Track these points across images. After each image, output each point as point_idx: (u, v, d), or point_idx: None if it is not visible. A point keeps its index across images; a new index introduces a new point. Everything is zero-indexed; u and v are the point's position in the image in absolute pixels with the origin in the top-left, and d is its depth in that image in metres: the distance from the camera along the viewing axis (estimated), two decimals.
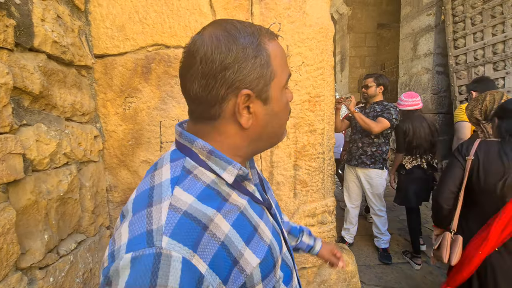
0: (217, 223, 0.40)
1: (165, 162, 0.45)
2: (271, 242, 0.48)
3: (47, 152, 0.95)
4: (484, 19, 3.15)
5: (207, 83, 0.41)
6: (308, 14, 1.42)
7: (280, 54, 0.46)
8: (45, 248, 0.90)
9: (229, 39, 0.41)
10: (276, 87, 0.45)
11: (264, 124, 0.46)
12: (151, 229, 0.36)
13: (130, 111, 1.41)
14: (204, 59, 0.40)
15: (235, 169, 0.45)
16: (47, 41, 0.98)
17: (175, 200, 0.39)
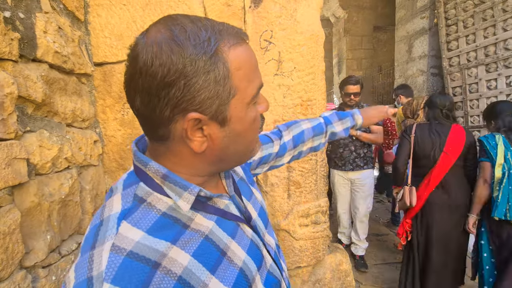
0: (172, 257, 0.36)
1: (117, 190, 0.41)
2: (243, 264, 0.44)
3: (49, 157, 1.00)
4: (475, 22, 3.21)
5: (149, 100, 0.35)
6: (299, 21, 1.48)
7: (246, 64, 0.38)
8: (47, 248, 0.94)
9: (174, 47, 0.33)
10: (238, 104, 0.38)
11: (223, 147, 0.40)
12: (91, 275, 0.32)
13: (129, 116, 1.46)
14: (144, 71, 0.33)
15: (192, 195, 0.39)
16: (49, 52, 1.04)
17: (119, 240, 0.34)
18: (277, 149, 0.74)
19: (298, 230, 1.60)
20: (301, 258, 1.64)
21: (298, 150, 0.80)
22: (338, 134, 0.84)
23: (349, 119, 0.84)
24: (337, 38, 7.38)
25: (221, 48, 0.35)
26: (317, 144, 0.83)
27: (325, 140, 0.84)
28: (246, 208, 0.51)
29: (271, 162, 0.75)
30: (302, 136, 0.79)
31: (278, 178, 1.56)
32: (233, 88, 0.36)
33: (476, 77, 3.28)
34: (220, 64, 0.35)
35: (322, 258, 1.67)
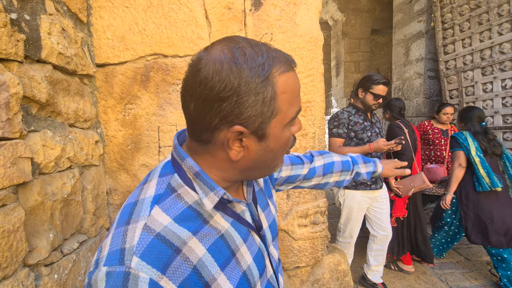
0: (191, 246, 0.40)
1: (154, 175, 0.46)
2: (247, 268, 0.48)
3: (53, 156, 1.01)
4: (471, 26, 3.27)
5: (202, 108, 0.39)
6: (298, 25, 1.50)
7: (291, 89, 0.42)
8: (50, 246, 0.95)
9: (233, 68, 0.37)
10: (278, 124, 0.42)
11: (255, 159, 0.44)
12: (124, 247, 0.37)
13: (130, 117, 1.47)
14: (204, 83, 0.38)
15: (216, 196, 0.44)
16: (53, 53, 1.06)
17: (151, 221, 0.39)
18: (306, 171, 0.79)
19: (297, 230, 1.61)
20: (300, 258, 1.65)
21: (325, 180, 0.84)
22: (361, 176, 0.88)
23: (372, 165, 0.90)
24: (335, 41, 7.44)
25: (272, 73, 0.39)
26: (342, 180, 0.86)
27: (350, 178, 0.87)
28: (259, 217, 0.55)
29: (298, 182, 0.80)
30: (332, 167, 0.83)
31: None
32: (276, 109, 0.41)
33: (472, 80, 3.32)
34: (269, 87, 0.39)
35: (320, 258, 1.69)
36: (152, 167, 1.51)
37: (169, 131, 1.50)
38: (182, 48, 1.46)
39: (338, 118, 1.94)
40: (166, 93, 1.48)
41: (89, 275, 0.38)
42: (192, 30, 1.45)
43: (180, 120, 1.50)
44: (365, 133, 1.91)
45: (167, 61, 1.46)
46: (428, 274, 2.45)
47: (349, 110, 1.98)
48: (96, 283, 0.36)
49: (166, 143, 1.51)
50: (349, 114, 1.95)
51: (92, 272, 0.37)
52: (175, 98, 1.48)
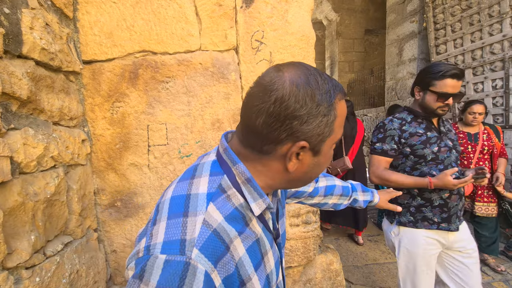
0: (235, 245, 0.44)
1: (204, 172, 0.48)
2: (270, 272, 0.51)
3: (35, 155, 0.98)
4: (463, 27, 3.30)
5: (272, 123, 0.42)
6: (290, 22, 1.49)
7: (343, 114, 0.47)
8: (31, 248, 0.92)
9: (308, 92, 0.42)
10: (329, 143, 0.47)
11: (306, 171, 0.48)
12: (184, 238, 0.39)
13: (118, 115, 1.44)
14: (279, 101, 0.41)
15: (264, 204, 0.48)
16: (35, 48, 1.02)
17: (208, 216, 0.42)
18: (311, 189, 0.86)
19: (289, 230, 1.60)
20: (292, 258, 1.64)
21: (325, 201, 0.91)
22: (358, 203, 0.95)
23: (370, 194, 0.97)
24: (329, 41, 7.47)
25: (336, 99, 0.45)
26: (340, 203, 0.94)
27: (347, 203, 0.94)
28: (278, 226, 0.59)
29: (302, 198, 0.86)
30: (333, 190, 0.90)
31: None
32: (332, 131, 0.46)
33: (464, 80, 3.36)
34: (333, 111, 0.44)
35: (313, 258, 1.68)
36: (141, 166, 1.48)
37: (159, 129, 1.47)
38: (171, 45, 1.43)
39: (384, 129, 1.38)
40: (156, 91, 1.45)
41: (138, 260, 0.39)
42: (182, 27, 1.42)
43: (169, 119, 1.47)
44: (428, 148, 1.30)
45: (156, 58, 1.43)
46: None
47: (402, 116, 1.39)
48: (152, 269, 0.37)
49: (155, 142, 1.48)
50: (401, 123, 1.36)
51: (143, 258, 0.38)
52: (165, 96, 1.45)
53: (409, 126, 1.36)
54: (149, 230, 0.43)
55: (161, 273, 0.36)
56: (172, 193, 0.47)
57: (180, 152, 1.49)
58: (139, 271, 0.38)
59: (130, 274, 0.39)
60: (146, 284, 0.36)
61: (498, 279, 2.29)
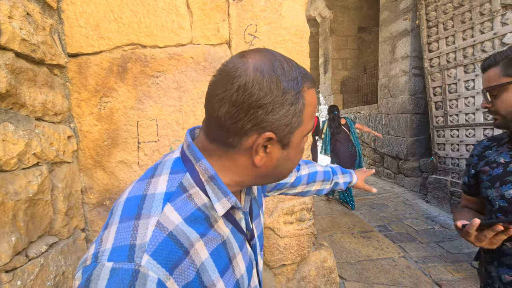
0: (197, 249, 0.40)
1: (164, 171, 0.44)
2: (240, 277, 0.48)
3: (15, 152, 0.92)
4: (455, 24, 3.32)
5: (236, 113, 0.39)
6: (284, 16, 1.45)
7: (313, 104, 0.45)
8: (12, 250, 0.87)
9: (273, 79, 0.39)
10: (299, 134, 0.44)
11: (275, 166, 0.45)
12: (134, 243, 0.36)
13: (106, 111, 1.39)
14: (243, 89, 0.39)
15: (229, 203, 0.44)
16: (15, 39, 0.96)
17: (163, 218, 0.38)
18: (293, 179, 0.81)
19: (283, 227, 1.58)
20: (285, 256, 1.62)
21: (308, 188, 0.88)
22: (339, 185, 0.94)
23: (349, 175, 0.96)
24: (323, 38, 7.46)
25: (304, 89, 0.42)
26: (322, 188, 0.92)
27: (329, 187, 0.93)
28: (252, 227, 0.55)
29: (284, 189, 0.82)
30: (315, 176, 0.87)
31: None
32: (301, 121, 0.43)
33: (455, 77, 3.39)
34: (301, 100, 0.42)
35: (307, 255, 1.66)
36: (130, 163, 1.44)
37: (149, 126, 1.43)
38: (161, 38, 1.38)
39: (471, 154, 0.98)
40: (145, 86, 1.40)
41: (85, 269, 0.35)
42: (172, 19, 1.37)
43: (160, 115, 1.42)
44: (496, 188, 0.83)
45: (145, 52, 1.38)
46: (412, 268, 2.49)
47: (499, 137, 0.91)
48: (98, 279, 0.34)
49: (145, 138, 1.44)
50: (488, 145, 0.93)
51: (90, 267, 0.35)
52: (155, 92, 1.41)
53: (495, 151, 0.89)
54: (100, 235, 0.39)
55: (107, 283, 0.33)
56: (127, 194, 0.42)
57: (171, 149, 1.45)
58: (84, 282, 0.34)
59: (77, 284, 0.35)
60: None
61: None
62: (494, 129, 2.99)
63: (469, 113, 3.27)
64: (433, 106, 3.75)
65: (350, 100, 7.07)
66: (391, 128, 4.81)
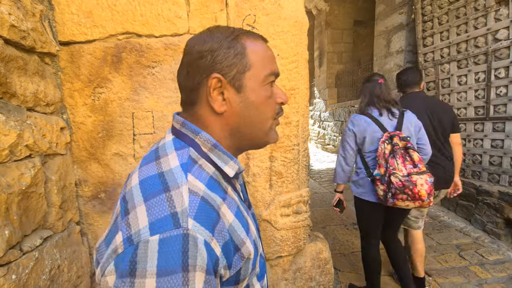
0: (223, 211, 0.42)
1: (169, 150, 0.45)
2: (255, 237, 0.50)
3: (6, 144, 0.89)
4: (450, 19, 3.34)
5: (188, 71, 0.46)
6: (283, 7, 1.43)
7: (261, 52, 0.48)
8: (6, 244, 0.85)
9: (208, 34, 0.46)
10: (253, 78, 0.46)
11: (239, 112, 0.46)
12: (175, 211, 0.36)
13: (100, 102, 1.35)
14: (189, 52, 0.46)
15: (236, 165, 0.47)
16: (3, 25, 0.92)
17: (192, 185, 0.40)
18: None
19: (280, 220, 1.59)
20: (282, 248, 1.64)
21: None
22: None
23: None
24: (318, 31, 7.42)
25: (241, 36, 0.47)
26: None
27: None
28: (248, 198, 0.59)
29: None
30: None
31: (260, 168, 1.53)
32: (248, 63, 0.46)
33: (448, 72, 3.43)
34: (239, 44, 0.46)
35: (303, 247, 1.68)
36: (126, 156, 1.41)
37: (145, 117, 1.40)
38: (157, 27, 1.34)
39: None
40: (141, 76, 1.36)
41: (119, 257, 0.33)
42: (168, 8, 1.33)
43: (156, 106, 1.39)
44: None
45: (141, 41, 1.34)
46: None
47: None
48: (146, 256, 0.32)
49: (141, 130, 1.41)
50: None
51: (127, 252, 0.33)
52: (151, 82, 1.37)
53: None
54: (122, 223, 0.37)
55: (158, 255, 0.32)
56: (138, 179, 0.42)
57: None
58: (127, 267, 0.32)
59: (111, 280, 0.33)
60: (143, 276, 0.31)
61: (474, 263, 2.41)
62: (484, 124, 3.05)
63: (461, 107, 3.33)
64: None
65: (345, 94, 7.10)
66: None
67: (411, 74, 2.03)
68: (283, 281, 1.68)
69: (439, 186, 1.95)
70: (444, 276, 2.28)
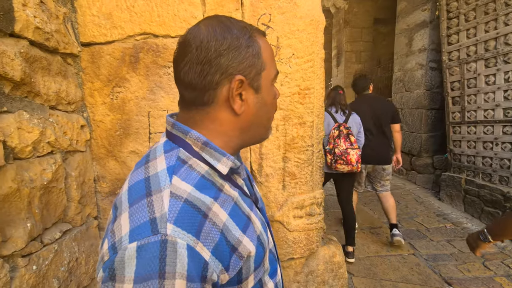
0: (215, 211, 0.41)
1: (158, 154, 0.44)
2: (260, 233, 0.49)
3: (30, 140, 0.94)
4: (477, 16, 3.16)
5: (202, 69, 0.42)
6: (299, 5, 1.40)
7: (269, 50, 0.47)
8: (27, 236, 0.89)
9: (224, 29, 0.43)
10: (267, 77, 0.46)
11: (255, 112, 0.47)
12: (154, 217, 0.35)
13: (118, 101, 1.39)
14: (200, 47, 0.42)
15: (229, 161, 0.45)
16: (29, 27, 0.96)
17: (175, 189, 0.39)
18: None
19: (292, 221, 1.57)
20: (294, 249, 1.61)
21: None
22: None
23: None
24: (337, 30, 7.27)
25: (254, 33, 0.46)
26: None
27: None
28: (254, 191, 0.57)
29: None
30: None
31: (273, 168, 1.52)
32: (263, 63, 0.46)
33: (475, 72, 3.25)
34: (255, 43, 0.45)
35: (315, 250, 1.65)
36: (142, 154, 1.44)
37: (160, 116, 1.42)
38: (173, 27, 1.36)
39: None
40: (157, 76, 1.39)
41: (105, 264, 0.34)
42: (184, 8, 1.35)
43: (171, 106, 1.42)
44: None
45: (157, 42, 1.36)
46: (421, 265, 2.45)
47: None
48: (123, 263, 0.32)
49: (156, 129, 1.44)
50: None
51: (110, 259, 0.34)
52: (166, 82, 1.40)
53: None
54: (109, 229, 0.38)
55: (136, 262, 0.32)
56: (127, 185, 0.42)
57: None
58: (107, 273, 0.33)
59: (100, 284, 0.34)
60: (121, 281, 0.32)
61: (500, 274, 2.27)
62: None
63: (488, 109, 3.14)
64: (450, 101, 3.62)
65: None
66: (404, 123, 4.69)
67: (361, 82, 2.79)
68: (294, 283, 1.66)
69: (369, 161, 2.66)
70: (466, 286, 2.16)
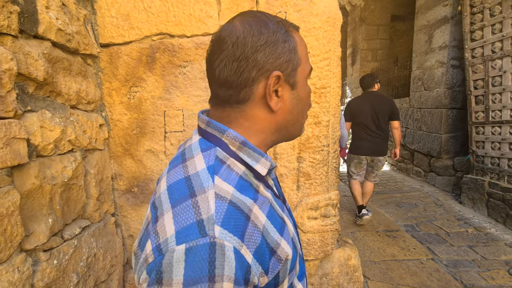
0: (255, 213, 0.40)
1: (195, 152, 0.43)
2: (293, 235, 0.48)
3: (52, 138, 0.97)
4: (503, 10, 3.00)
5: (238, 65, 0.41)
6: (315, 3, 1.38)
7: (303, 45, 0.46)
8: (49, 231, 0.92)
9: (260, 24, 0.42)
10: (302, 73, 0.45)
11: (291, 108, 0.46)
12: (201, 219, 0.35)
13: (135, 100, 1.42)
14: (236, 43, 0.41)
15: (268, 162, 0.45)
16: (51, 29, 0.99)
17: (219, 189, 0.38)
18: None
19: (307, 222, 1.54)
20: (308, 251, 1.59)
21: None
22: None
23: None
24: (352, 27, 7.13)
25: (290, 28, 0.45)
26: None
27: None
28: (282, 192, 0.56)
29: None
30: None
31: (287, 168, 1.50)
32: (299, 58, 0.45)
33: (501, 69, 3.08)
34: (291, 38, 0.44)
35: (330, 252, 1.62)
36: (157, 152, 1.46)
37: (175, 115, 1.44)
38: (189, 27, 1.37)
39: None
40: (173, 76, 1.40)
41: (150, 267, 0.33)
42: (200, 8, 1.35)
43: (186, 105, 1.43)
44: None
45: (173, 41, 1.38)
46: (441, 271, 2.35)
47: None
48: (171, 266, 0.32)
49: (172, 128, 1.45)
50: None
51: (156, 261, 0.33)
52: (182, 82, 1.41)
53: None
54: (151, 230, 0.37)
55: (185, 265, 0.32)
56: (166, 184, 0.41)
57: None
58: (154, 276, 0.32)
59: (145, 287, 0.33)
60: (169, 284, 0.31)
61: None
62: None
63: None
64: (473, 100, 3.46)
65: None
66: (423, 123, 4.53)
67: (367, 79, 3.05)
68: (308, 285, 1.63)
69: (368, 153, 2.99)
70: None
